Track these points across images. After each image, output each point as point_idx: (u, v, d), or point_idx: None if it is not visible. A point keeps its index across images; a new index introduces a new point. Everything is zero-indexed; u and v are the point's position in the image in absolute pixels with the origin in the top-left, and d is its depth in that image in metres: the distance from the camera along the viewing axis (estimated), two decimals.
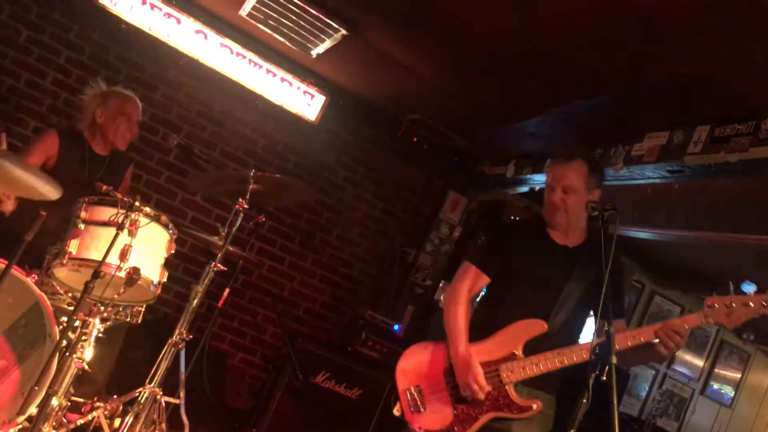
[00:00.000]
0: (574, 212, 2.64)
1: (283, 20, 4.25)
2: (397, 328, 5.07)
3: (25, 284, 2.66)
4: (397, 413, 2.66)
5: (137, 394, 2.89)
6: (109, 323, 2.94)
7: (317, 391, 4.56)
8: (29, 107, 4.75)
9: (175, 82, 5.06)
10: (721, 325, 2.40)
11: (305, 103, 5.11)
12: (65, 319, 2.73)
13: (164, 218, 2.86)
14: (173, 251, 2.95)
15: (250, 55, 4.91)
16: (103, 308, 2.83)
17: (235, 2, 4.34)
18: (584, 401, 2.04)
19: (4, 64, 4.68)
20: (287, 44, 4.57)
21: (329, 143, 5.48)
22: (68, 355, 2.62)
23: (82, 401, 2.91)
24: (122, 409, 2.90)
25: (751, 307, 2.34)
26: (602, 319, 2.19)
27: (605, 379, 2.02)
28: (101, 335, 2.86)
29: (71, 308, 2.79)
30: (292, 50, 4.71)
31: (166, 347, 2.98)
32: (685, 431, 6.94)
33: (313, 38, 4.38)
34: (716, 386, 7.09)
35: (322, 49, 4.49)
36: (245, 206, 3.07)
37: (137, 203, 2.69)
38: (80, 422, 2.77)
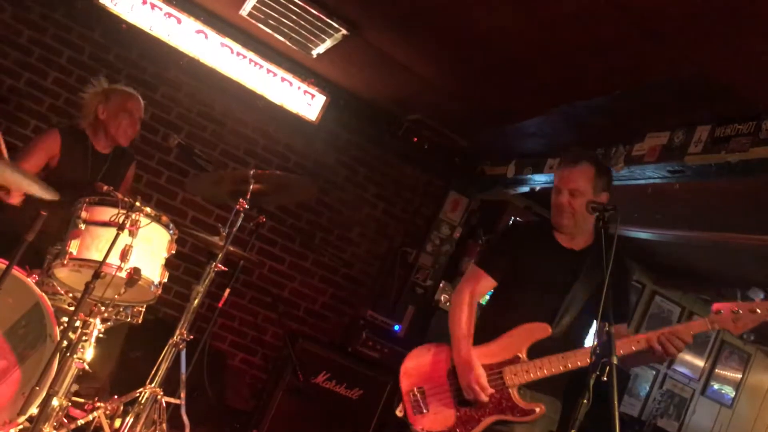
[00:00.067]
0: (581, 215, 2.62)
1: (283, 20, 4.25)
2: (397, 328, 5.07)
3: (25, 284, 2.66)
4: (399, 414, 2.67)
5: (138, 394, 2.89)
6: (109, 323, 2.94)
7: (318, 391, 4.56)
8: (30, 107, 4.75)
9: (175, 81, 5.06)
10: (727, 331, 2.39)
11: (306, 103, 5.11)
12: (66, 319, 2.73)
13: (165, 218, 2.86)
14: (174, 251, 2.96)
15: (250, 54, 4.91)
16: (103, 308, 2.84)
17: (235, 2, 4.34)
18: (584, 401, 2.04)
19: (5, 64, 4.68)
20: (288, 44, 4.57)
21: (330, 143, 5.48)
22: (69, 355, 2.63)
23: (82, 401, 2.91)
24: (123, 409, 2.90)
25: (758, 313, 2.34)
26: (603, 319, 2.18)
27: (606, 379, 2.02)
28: (102, 335, 2.86)
29: (72, 308, 2.79)
30: (292, 50, 4.71)
31: (166, 347, 2.97)
32: (685, 431, 6.94)
33: (313, 38, 4.38)
34: (717, 386, 7.08)
35: (322, 49, 4.49)
36: (246, 206, 3.07)
37: (138, 203, 2.70)
38: (81, 422, 2.77)
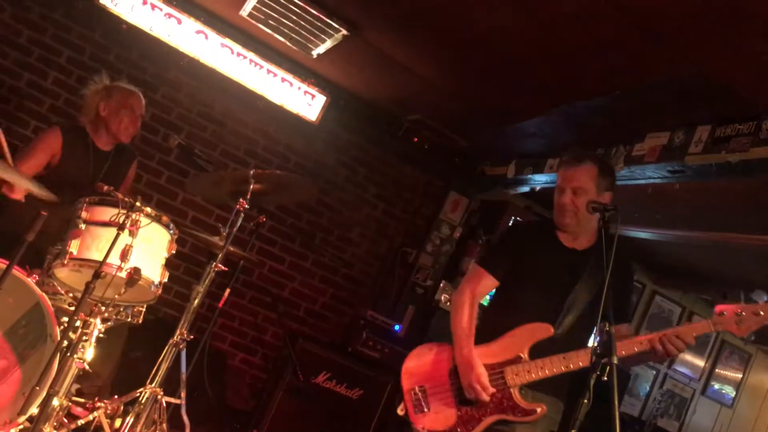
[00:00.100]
0: (583, 215, 2.60)
1: (283, 20, 4.25)
2: (397, 328, 5.07)
3: (26, 284, 2.66)
4: (400, 413, 2.67)
5: (138, 394, 2.89)
6: (110, 323, 2.94)
7: (318, 391, 4.56)
8: (30, 107, 4.75)
9: (175, 82, 5.06)
10: (730, 333, 2.38)
11: (306, 103, 5.11)
12: (66, 319, 2.73)
13: (165, 218, 2.86)
14: (174, 251, 2.96)
15: (250, 55, 4.91)
16: (104, 308, 2.84)
17: (235, 2, 4.34)
18: (585, 401, 2.04)
19: (5, 64, 4.69)
20: (288, 44, 4.57)
21: (330, 143, 5.48)
22: (69, 355, 2.63)
23: (83, 401, 2.92)
24: (123, 409, 2.90)
25: (761, 315, 2.34)
26: (603, 319, 2.18)
27: (606, 379, 2.02)
28: (102, 335, 2.87)
29: (72, 308, 2.79)
30: (292, 50, 4.71)
31: (167, 347, 2.97)
32: (685, 431, 6.94)
33: (313, 38, 4.38)
34: (717, 386, 7.08)
35: (322, 49, 4.49)
36: (246, 206, 3.07)
37: (138, 203, 2.70)
38: (81, 422, 2.77)
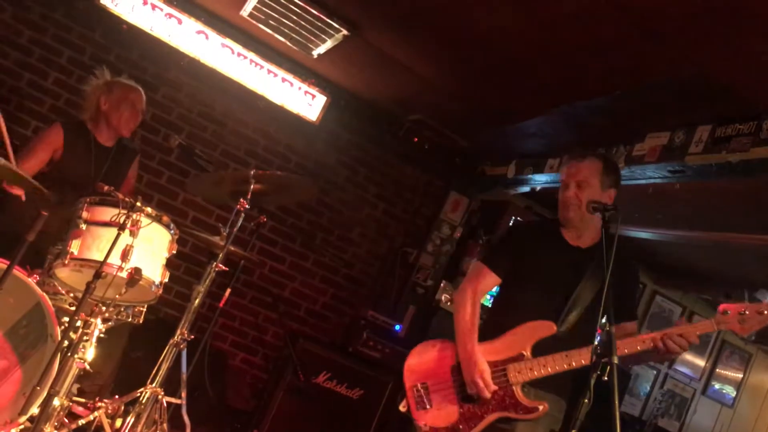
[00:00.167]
0: (587, 205, 2.59)
1: (284, 20, 4.26)
2: (398, 328, 5.07)
3: (26, 284, 2.66)
4: (403, 409, 2.67)
5: (139, 394, 2.89)
6: (110, 323, 2.94)
7: (318, 391, 4.56)
8: (30, 107, 4.75)
9: (176, 82, 5.06)
10: (733, 332, 2.37)
11: (306, 103, 5.11)
12: (67, 319, 2.73)
13: (166, 218, 2.87)
14: (175, 251, 2.96)
15: (251, 55, 4.91)
16: (104, 308, 2.84)
17: (236, 2, 4.34)
18: (585, 401, 2.04)
19: (5, 64, 4.69)
20: (288, 44, 4.57)
21: (330, 143, 5.48)
22: (70, 355, 2.63)
23: (83, 401, 2.92)
24: (124, 409, 2.90)
25: (765, 315, 2.33)
26: (605, 318, 2.18)
27: (606, 379, 2.02)
28: (103, 335, 2.87)
29: (73, 308, 2.79)
30: (293, 50, 4.71)
31: (167, 347, 2.98)
32: (686, 431, 6.93)
33: (314, 38, 4.38)
34: (718, 386, 7.07)
35: (323, 49, 4.49)
36: (246, 206, 3.07)
37: (139, 203, 2.70)
38: (82, 422, 2.77)
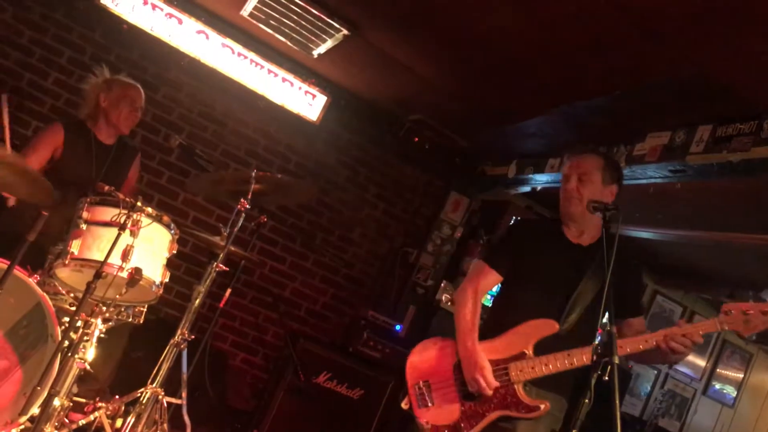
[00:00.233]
0: (588, 204, 2.58)
1: (284, 20, 4.25)
2: (398, 328, 5.07)
3: (27, 285, 2.67)
4: (405, 407, 2.67)
5: (139, 394, 2.89)
6: (111, 323, 2.94)
7: (319, 391, 4.56)
8: (31, 107, 4.75)
9: (176, 82, 5.06)
10: (737, 332, 2.34)
11: (307, 103, 5.11)
12: (67, 319, 2.73)
13: (166, 218, 2.87)
14: (175, 251, 2.96)
15: (251, 55, 4.91)
16: (105, 308, 2.84)
17: (236, 2, 4.34)
18: (586, 401, 2.04)
19: (6, 64, 4.69)
20: (288, 44, 4.57)
21: (331, 143, 5.48)
22: (70, 355, 2.63)
23: (84, 401, 2.92)
24: (124, 409, 2.90)
25: None
26: (606, 318, 2.18)
27: (607, 378, 2.02)
28: (103, 336, 2.87)
29: (73, 309, 2.79)
30: (293, 50, 4.71)
31: (167, 347, 2.97)
32: (687, 431, 6.93)
33: (314, 38, 4.38)
34: (718, 386, 7.07)
35: (323, 49, 4.49)
36: (247, 206, 3.07)
37: (139, 203, 2.70)
38: (82, 422, 2.77)
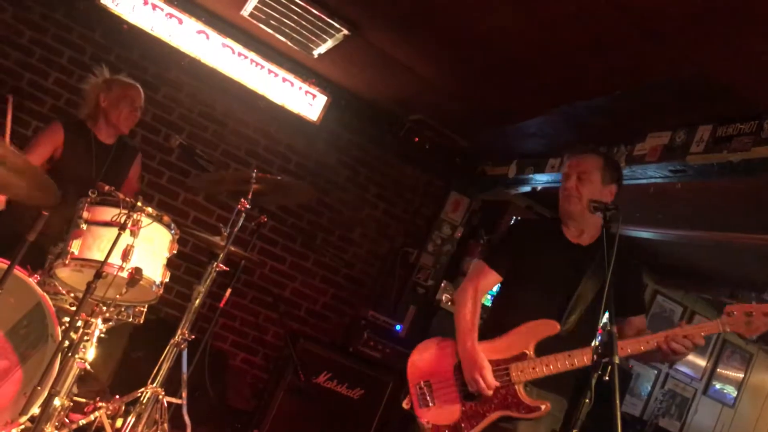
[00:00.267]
0: (587, 205, 2.59)
1: (284, 20, 4.25)
2: (398, 328, 5.07)
3: (27, 284, 2.66)
4: (406, 406, 2.67)
5: (139, 394, 2.89)
6: (111, 323, 2.94)
7: (319, 391, 4.56)
8: (31, 107, 4.75)
9: (176, 82, 5.06)
10: (739, 333, 2.34)
11: (307, 103, 5.11)
12: (67, 319, 2.73)
13: (166, 218, 2.87)
14: (175, 251, 2.96)
15: (251, 55, 4.91)
16: (105, 308, 2.84)
17: (236, 2, 4.34)
18: (586, 401, 2.04)
19: (6, 64, 4.69)
20: (289, 44, 4.57)
21: (331, 143, 5.48)
22: (70, 355, 2.63)
23: (84, 401, 2.92)
24: (124, 409, 2.90)
25: None
26: (607, 318, 2.18)
27: (608, 379, 2.01)
28: (103, 335, 2.87)
29: (73, 308, 2.79)
30: (293, 50, 4.71)
31: (168, 347, 2.98)
32: (687, 431, 6.93)
33: (314, 38, 4.38)
34: (719, 386, 7.07)
35: (323, 49, 4.49)
36: (247, 206, 3.07)
37: (139, 203, 2.70)
38: (82, 422, 2.77)
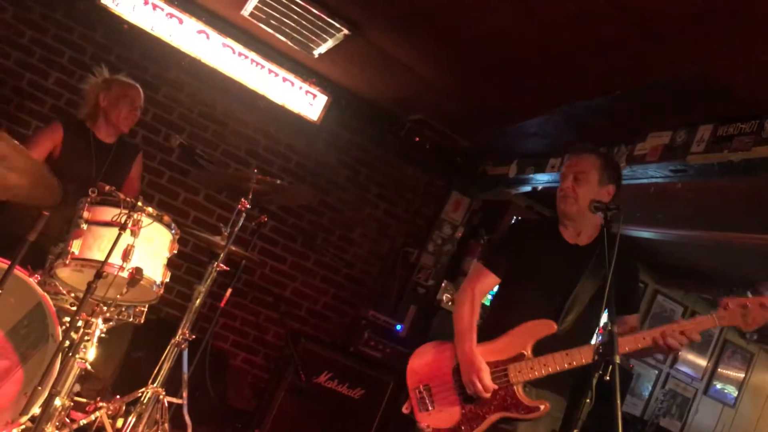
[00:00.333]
0: (585, 204, 2.59)
1: (284, 20, 4.25)
2: (399, 328, 5.07)
3: (27, 284, 2.66)
4: (405, 411, 2.67)
5: (140, 394, 2.90)
6: (111, 323, 2.94)
7: (320, 391, 4.56)
8: (31, 107, 4.75)
9: (177, 82, 5.06)
10: (737, 328, 2.34)
11: (307, 103, 5.11)
12: (68, 319, 2.73)
13: (167, 218, 2.86)
14: (176, 251, 2.96)
15: (252, 55, 4.91)
16: (105, 308, 2.84)
17: (236, 2, 4.34)
18: (587, 401, 2.04)
19: (6, 64, 4.69)
20: (289, 44, 4.57)
21: (331, 143, 5.48)
22: (71, 355, 2.63)
23: (85, 401, 2.92)
24: (125, 409, 2.90)
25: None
26: (607, 318, 2.18)
27: (608, 378, 2.01)
28: (104, 335, 2.87)
29: (74, 308, 2.79)
30: (294, 50, 4.71)
31: (168, 347, 2.98)
32: (688, 431, 6.93)
33: (315, 38, 4.37)
34: (719, 386, 7.07)
35: (324, 48, 4.49)
36: (247, 206, 3.07)
37: (140, 203, 2.70)
38: (83, 422, 2.77)
